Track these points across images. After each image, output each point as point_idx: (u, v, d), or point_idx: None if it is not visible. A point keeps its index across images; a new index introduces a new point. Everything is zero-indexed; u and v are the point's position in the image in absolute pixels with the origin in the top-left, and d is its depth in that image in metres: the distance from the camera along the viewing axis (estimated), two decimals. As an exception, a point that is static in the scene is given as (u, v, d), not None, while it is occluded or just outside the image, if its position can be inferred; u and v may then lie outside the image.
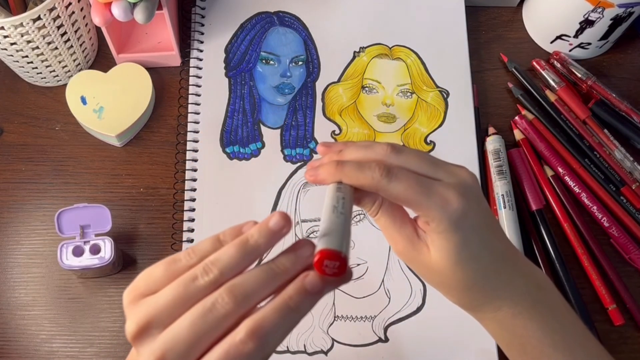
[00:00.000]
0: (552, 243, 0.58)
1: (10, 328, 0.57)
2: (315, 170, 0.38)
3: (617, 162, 0.62)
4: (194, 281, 0.31)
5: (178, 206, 0.60)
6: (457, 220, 0.36)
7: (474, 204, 0.38)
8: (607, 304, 0.57)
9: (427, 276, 0.41)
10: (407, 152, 0.38)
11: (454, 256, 0.38)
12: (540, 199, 0.60)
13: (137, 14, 0.56)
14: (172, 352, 0.30)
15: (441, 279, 0.39)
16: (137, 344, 0.31)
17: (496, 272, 0.39)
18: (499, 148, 0.61)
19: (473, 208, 0.37)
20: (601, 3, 0.60)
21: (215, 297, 0.31)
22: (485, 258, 0.39)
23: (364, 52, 0.66)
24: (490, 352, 0.55)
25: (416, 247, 0.39)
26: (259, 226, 0.33)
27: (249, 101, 0.64)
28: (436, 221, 0.37)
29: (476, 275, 0.39)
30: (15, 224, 0.60)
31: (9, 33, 0.56)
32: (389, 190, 0.36)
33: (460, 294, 0.40)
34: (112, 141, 0.62)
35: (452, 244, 0.37)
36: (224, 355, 0.30)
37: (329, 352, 0.55)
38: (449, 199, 0.36)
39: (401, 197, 0.36)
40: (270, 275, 0.32)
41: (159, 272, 0.33)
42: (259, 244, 0.33)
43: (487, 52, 0.68)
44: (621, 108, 0.64)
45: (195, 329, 0.30)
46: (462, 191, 0.37)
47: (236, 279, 0.32)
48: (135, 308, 0.32)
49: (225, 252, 0.32)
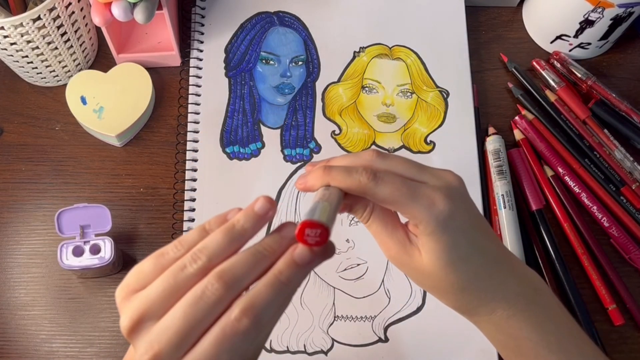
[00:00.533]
0: (552, 243, 0.58)
1: (10, 328, 0.57)
2: (304, 177, 0.38)
3: (617, 162, 0.62)
4: (182, 270, 0.32)
5: (178, 206, 0.60)
6: (444, 221, 0.37)
7: (460, 204, 0.38)
8: (607, 304, 0.57)
9: (420, 280, 0.41)
10: (392, 157, 0.39)
11: (444, 258, 0.38)
12: (540, 199, 0.60)
13: (137, 14, 0.56)
14: (167, 343, 0.30)
15: (434, 282, 0.40)
16: (133, 339, 0.32)
17: (489, 273, 0.40)
18: (499, 148, 0.61)
19: (460, 209, 0.38)
20: (601, 3, 0.60)
21: (204, 284, 0.31)
22: (476, 259, 0.39)
23: (364, 52, 0.66)
24: (490, 352, 0.55)
25: (408, 251, 0.39)
26: (245, 211, 0.34)
27: (249, 101, 0.64)
28: (424, 223, 0.37)
29: (469, 277, 0.39)
30: (15, 224, 0.60)
31: (9, 33, 0.56)
32: (376, 192, 0.36)
33: (454, 296, 0.40)
34: (112, 141, 0.62)
35: (441, 245, 0.38)
36: (220, 335, 0.30)
37: (329, 352, 0.55)
38: (435, 201, 0.37)
39: (388, 200, 0.37)
40: (257, 257, 0.32)
41: (148, 266, 0.33)
42: (245, 229, 0.33)
43: (487, 52, 0.68)
44: (621, 108, 0.64)
45: (188, 317, 0.30)
46: (448, 193, 0.37)
47: (224, 264, 0.32)
48: (128, 303, 0.32)
49: (212, 239, 0.33)
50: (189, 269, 0.32)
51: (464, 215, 0.38)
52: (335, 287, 0.57)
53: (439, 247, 0.38)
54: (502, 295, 0.40)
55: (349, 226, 0.58)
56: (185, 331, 0.30)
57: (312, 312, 0.56)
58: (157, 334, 0.30)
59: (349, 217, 0.59)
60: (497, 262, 0.41)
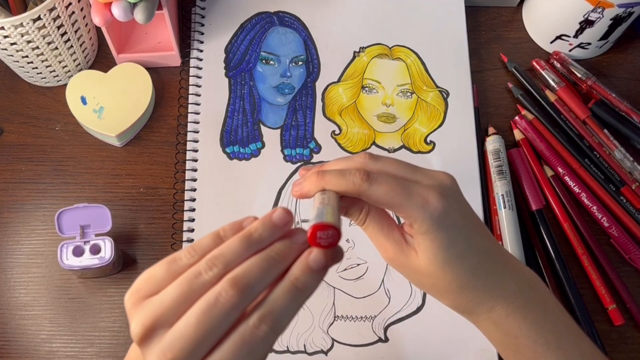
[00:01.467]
0: (552, 243, 0.58)
1: (10, 328, 0.57)
2: (299, 185, 0.39)
3: (617, 162, 0.62)
4: (197, 277, 0.31)
5: (178, 206, 0.60)
6: (438, 219, 0.37)
7: (454, 203, 0.38)
8: (607, 304, 0.57)
9: (419, 281, 0.41)
10: (385, 158, 0.39)
11: (440, 256, 0.38)
12: (540, 199, 0.60)
13: (137, 14, 0.56)
14: (181, 351, 0.30)
15: (432, 281, 0.40)
16: (144, 346, 0.31)
17: (486, 270, 0.40)
18: (499, 148, 0.61)
19: (454, 207, 0.38)
20: (601, 3, 0.60)
21: (218, 291, 0.30)
22: (472, 257, 0.39)
23: (364, 52, 0.66)
24: (490, 352, 0.55)
25: (405, 252, 0.40)
26: (263, 220, 0.34)
27: (249, 101, 0.64)
28: (419, 221, 0.37)
29: (466, 275, 0.39)
30: (15, 224, 0.60)
31: (9, 33, 0.56)
32: (370, 193, 0.37)
33: (453, 295, 0.40)
34: (112, 141, 0.62)
35: (437, 244, 0.38)
36: (239, 342, 0.30)
37: (329, 352, 0.55)
38: (428, 199, 0.37)
39: (383, 200, 0.37)
40: (270, 263, 0.32)
41: (160, 272, 0.32)
42: (262, 238, 0.33)
43: (487, 52, 0.68)
44: (621, 108, 0.64)
45: (202, 324, 0.30)
46: (441, 191, 0.38)
47: (237, 270, 0.31)
48: (139, 309, 0.31)
49: (229, 247, 0.32)
50: (205, 276, 0.31)
51: (458, 213, 0.39)
52: (335, 287, 0.57)
53: (435, 245, 0.38)
54: (500, 292, 0.40)
55: (349, 226, 0.58)
56: (199, 339, 0.30)
57: (312, 312, 0.56)
58: (171, 342, 0.30)
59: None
60: (494, 259, 0.41)
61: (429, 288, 0.41)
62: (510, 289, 0.41)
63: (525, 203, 0.61)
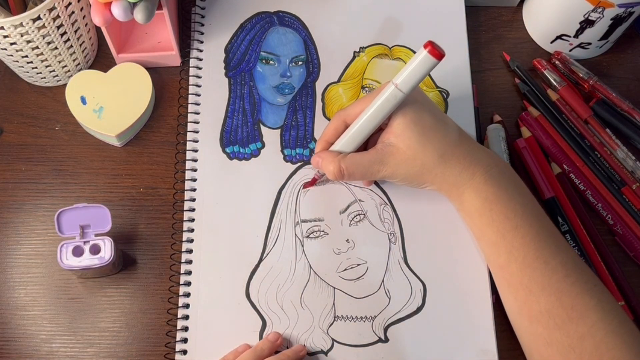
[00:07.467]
0: (569, 229, 0.59)
1: (10, 328, 0.57)
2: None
3: (619, 161, 0.62)
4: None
5: (178, 206, 0.60)
6: (405, 102, 0.50)
7: (417, 95, 0.52)
8: (618, 300, 0.57)
9: (410, 170, 0.51)
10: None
11: (415, 130, 0.50)
12: (549, 189, 0.60)
13: (137, 14, 0.56)
14: None
15: (419, 160, 0.50)
16: None
17: (460, 140, 0.51)
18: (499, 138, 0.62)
19: (417, 95, 0.52)
20: (601, 3, 0.60)
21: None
22: (442, 128, 0.51)
23: (364, 52, 0.66)
24: (491, 352, 0.54)
25: (392, 152, 0.51)
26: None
27: (249, 101, 0.64)
28: (391, 117, 0.51)
29: (443, 144, 0.50)
30: (15, 224, 0.60)
31: (9, 33, 0.56)
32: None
33: (441, 167, 0.50)
34: (112, 141, 0.62)
35: (407, 120, 0.50)
36: None
37: (329, 352, 0.55)
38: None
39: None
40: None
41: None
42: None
43: (487, 52, 0.68)
44: (623, 107, 0.64)
45: None
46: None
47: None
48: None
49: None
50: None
51: (420, 98, 0.52)
52: (335, 287, 0.57)
53: (406, 122, 0.50)
54: (478, 161, 0.51)
55: (349, 226, 0.58)
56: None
57: (312, 312, 0.56)
58: None
59: (349, 217, 0.59)
60: (464, 135, 0.52)
61: (419, 169, 0.51)
62: (485, 160, 0.51)
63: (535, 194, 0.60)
